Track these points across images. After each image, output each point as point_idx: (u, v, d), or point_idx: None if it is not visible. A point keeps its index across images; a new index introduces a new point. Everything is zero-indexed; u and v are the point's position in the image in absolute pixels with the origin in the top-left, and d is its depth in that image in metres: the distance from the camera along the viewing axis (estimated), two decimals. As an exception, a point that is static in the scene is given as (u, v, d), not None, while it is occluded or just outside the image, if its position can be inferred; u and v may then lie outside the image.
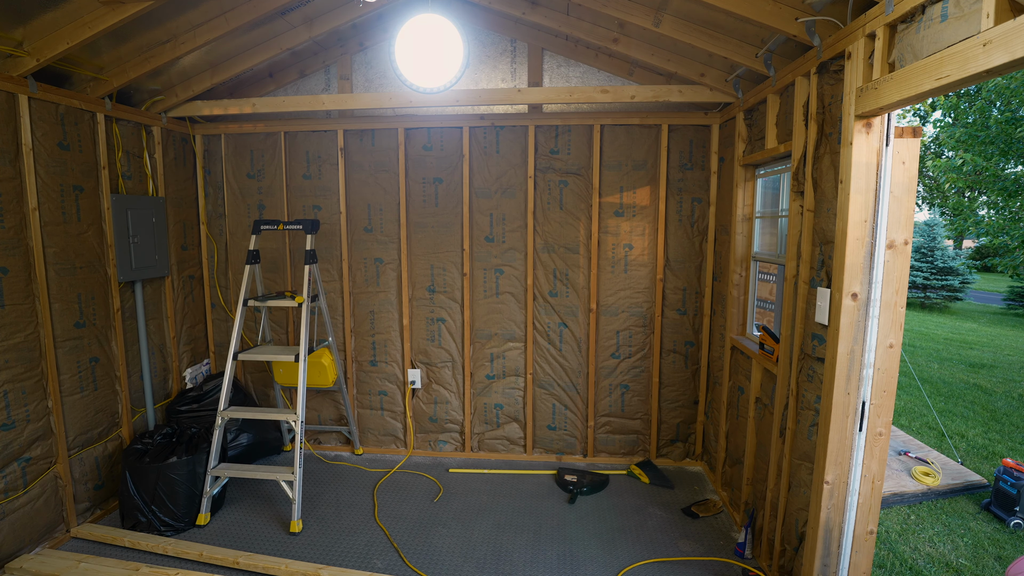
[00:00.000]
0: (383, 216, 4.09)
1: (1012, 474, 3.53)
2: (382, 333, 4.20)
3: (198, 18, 2.97)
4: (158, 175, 3.75)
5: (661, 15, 2.82)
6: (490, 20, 3.78)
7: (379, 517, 3.35)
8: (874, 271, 2.11)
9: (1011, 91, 7.58)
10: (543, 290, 4.04)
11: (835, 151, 2.26)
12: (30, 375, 2.84)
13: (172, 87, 3.67)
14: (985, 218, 9.58)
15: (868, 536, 2.28)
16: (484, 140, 3.95)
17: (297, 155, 4.09)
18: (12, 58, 2.67)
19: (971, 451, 4.70)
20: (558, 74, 3.87)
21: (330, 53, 3.93)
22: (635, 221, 3.92)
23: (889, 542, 3.28)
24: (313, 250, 3.60)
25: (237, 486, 3.66)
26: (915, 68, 1.69)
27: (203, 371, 4.26)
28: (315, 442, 4.37)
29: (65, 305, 3.04)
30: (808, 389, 2.46)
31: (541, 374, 4.12)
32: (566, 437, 4.17)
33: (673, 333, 4.00)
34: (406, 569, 2.85)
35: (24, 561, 2.74)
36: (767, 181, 3.28)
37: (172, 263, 3.89)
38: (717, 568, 2.88)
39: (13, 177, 2.74)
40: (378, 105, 3.64)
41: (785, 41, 2.63)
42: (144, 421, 3.65)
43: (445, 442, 4.27)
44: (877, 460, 2.23)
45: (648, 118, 3.80)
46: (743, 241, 3.42)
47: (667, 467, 4.05)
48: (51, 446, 2.96)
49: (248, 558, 2.86)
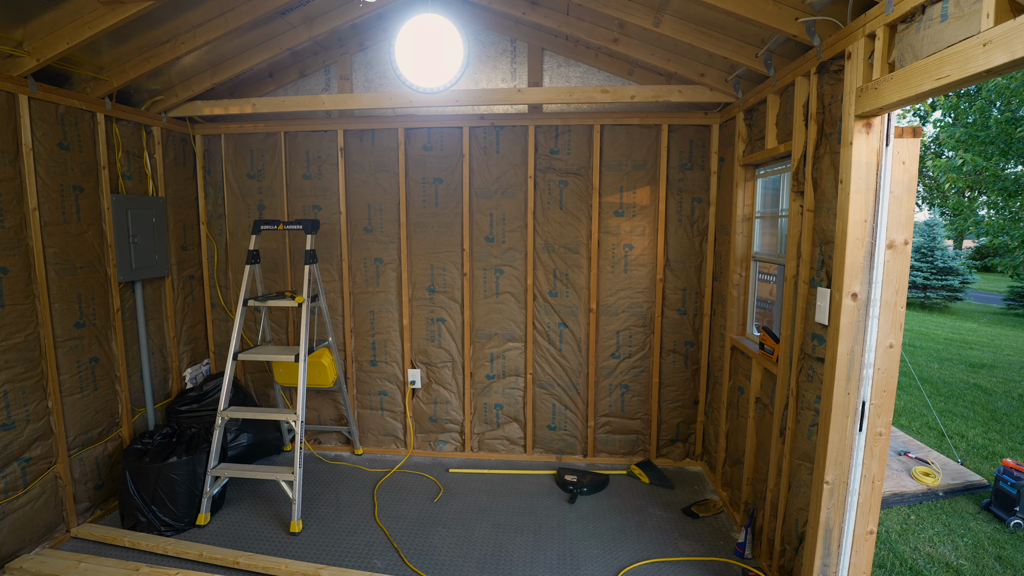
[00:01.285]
0: (383, 216, 4.09)
1: (1012, 474, 3.53)
2: (382, 333, 4.20)
3: (198, 18, 2.97)
4: (158, 175, 3.75)
5: (661, 15, 2.82)
6: (490, 20, 3.78)
7: (379, 517, 3.35)
8: (874, 271, 2.11)
9: (1011, 91, 7.58)
10: (543, 290, 4.04)
11: (835, 151, 2.26)
12: (30, 375, 2.84)
13: (172, 87, 3.67)
14: (985, 218, 9.58)
15: (868, 536, 2.27)
16: (484, 140, 3.95)
17: (297, 155, 4.09)
18: (12, 58, 2.67)
19: (971, 451, 4.70)
20: (558, 74, 3.87)
21: (330, 53, 3.93)
22: (635, 221, 3.92)
23: (889, 542, 3.28)
24: (313, 250, 3.60)
25: (237, 486, 3.66)
26: (915, 68, 1.69)
27: (203, 371, 4.26)
28: (315, 442, 4.37)
29: (65, 305, 3.04)
30: (808, 389, 2.46)
31: (541, 374, 4.12)
32: (566, 437, 4.17)
33: (673, 333, 4.00)
34: (406, 569, 2.85)
35: (24, 561, 2.74)
36: (767, 181, 3.28)
37: (172, 263, 3.89)
38: (717, 568, 2.88)
39: (13, 177, 2.74)
40: (378, 105, 3.64)
41: (785, 41, 2.63)
42: (144, 421, 3.65)
43: (445, 442, 4.27)
44: (877, 460, 2.22)
45: (648, 118, 3.80)
46: (743, 241, 3.42)
47: (667, 467, 4.05)
48: (51, 446, 2.96)
49: (248, 558, 2.86)
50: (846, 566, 2.28)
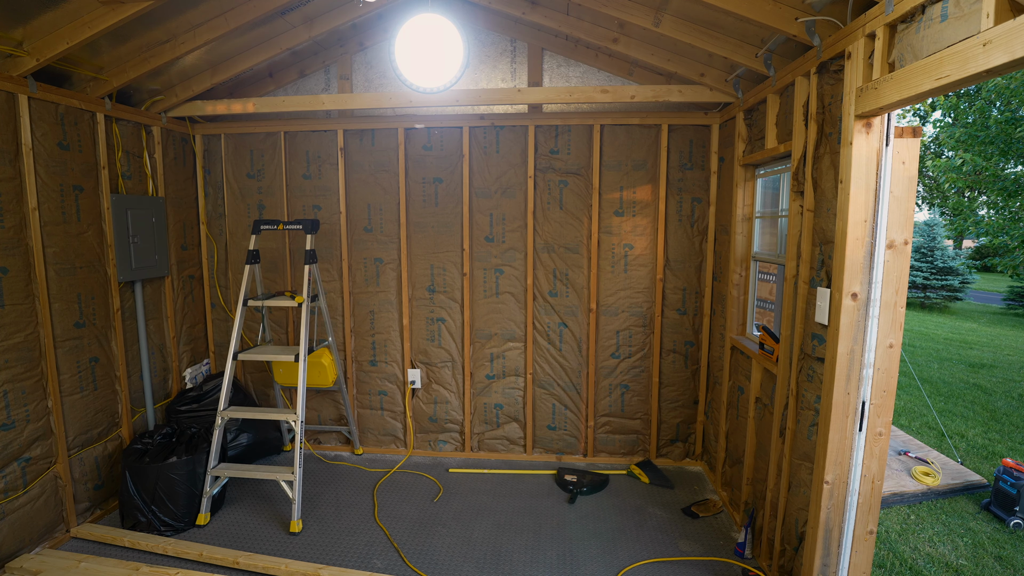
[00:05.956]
0: (383, 216, 4.08)
1: (1012, 474, 3.53)
2: (382, 333, 4.20)
3: (198, 18, 2.97)
4: (158, 175, 3.75)
5: (661, 15, 2.82)
6: (490, 20, 3.78)
7: (379, 517, 3.35)
8: (874, 271, 2.11)
9: (1011, 91, 7.58)
10: (543, 290, 4.04)
11: (835, 151, 2.26)
12: (30, 375, 2.84)
13: (172, 87, 3.67)
14: (985, 218, 9.58)
15: (868, 536, 2.28)
16: (484, 140, 3.95)
17: (297, 155, 4.09)
18: (12, 58, 2.67)
19: (971, 451, 4.70)
20: (558, 74, 3.87)
21: (330, 53, 3.93)
22: (635, 221, 3.92)
23: (889, 542, 3.28)
24: (313, 250, 3.60)
25: (237, 486, 3.66)
26: (915, 68, 1.69)
27: (203, 371, 4.26)
28: (315, 442, 4.37)
29: (65, 305, 3.04)
30: (808, 389, 2.46)
31: (541, 374, 4.12)
32: (566, 437, 4.17)
33: (673, 333, 4.00)
34: (406, 569, 2.85)
35: (24, 561, 2.74)
36: (767, 181, 3.28)
37: (172, 263, 3.89)
38: (717, 568, 2.88)
39: (13, 177, 2.74)
40: (378, 105, 3.64)
41: (785, 41, 2.63)
42: (144, 421, 3.65)
43: (445, 442, 4.26)
44: (877, 460, 2.23)
45: (648, 118, 3.80)
46: (743, 241, 3.42)
47: (667, 467, 4.05)
48: (51, 446, 2.96)
49: (248, 558, 2.86)
50: (846, 566, 2.28)
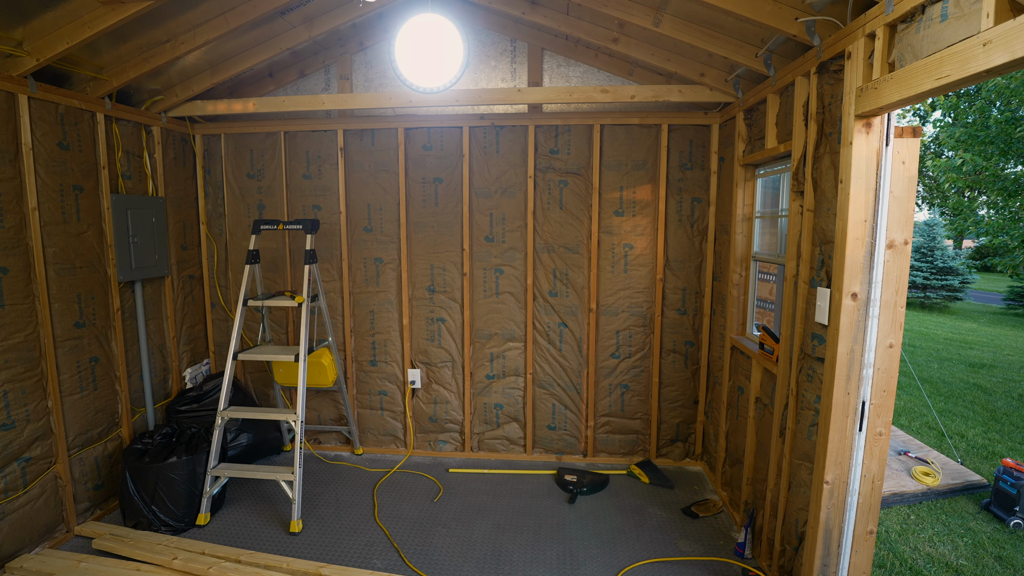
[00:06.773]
0: (383, 216, 4.08)
1: (1012, 474, 3.53)
2: (382, 333, 4.20)
3: (198, 18, 2.97)
4: (158, 175, 3.75)
5: (661, 15, 2.82)
6: (490, 20, 3.78)
7: (379, 517, 3.35)
8: (874, 271, 2.11)
9: (1011, 91, 7.58)
10: (543, 290, 4.04)
11: (835, 151, 2.26)
12: (30, 375, 2.84)
13: (172, 87, 3.67)
14: (985, 218, 9.57)
15: (868, 536, 2.28)
16: (484, 140, 3.95)
17: (297, 155, 4.09)
18: (12, 58, 2.67)
19: (971, 451, 4.70)
20: (558, 74, 3.87)
21: (330, 53, 3.93)
22: (635, 221, 3.92)
23: (889, 542, 3.29)
24: (313, 250, 3.60)
25: (237, 486, 3.66)
26: (915, 68, 1.69)
27: (203, 371, 4.26)
28: (315, 442, 4.37)
29: (65, 305, 3.04)
30: (808, 389, 2.46)
31: (541, 374, 4.12)
32: (566, 437, 4.17)
33: (673, 333, 4.00)
34: (406, 569, 2.85)
35: (24, 561, 2.74)
36: (767, 181, 3.28)
37: (172, 263, 3.89)
38: (717, 568, 2.88)
39: (13, 177, 2.74)
40: (378, 105, 3.64)
41: (785, 41, 2.63)
42: (144, 421, 3.65)
43: (445, 442, 4.26)
44: (877, 460, 2.23)
45: (648, 118, 3.80)
46: (743, 241, 3.42)
47: (667, 467, 4.05)
48: (51, 446, 2.96)
49: (250, 556, 2.86)
50: (846, 566, 2.28)
